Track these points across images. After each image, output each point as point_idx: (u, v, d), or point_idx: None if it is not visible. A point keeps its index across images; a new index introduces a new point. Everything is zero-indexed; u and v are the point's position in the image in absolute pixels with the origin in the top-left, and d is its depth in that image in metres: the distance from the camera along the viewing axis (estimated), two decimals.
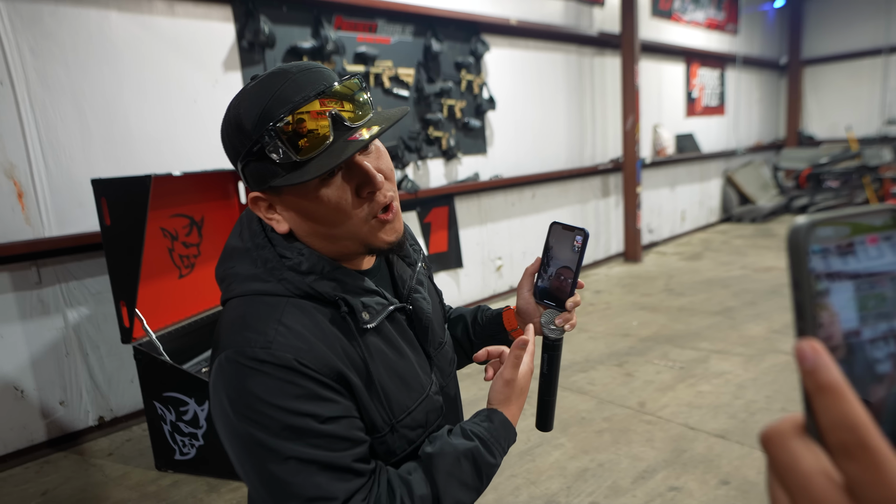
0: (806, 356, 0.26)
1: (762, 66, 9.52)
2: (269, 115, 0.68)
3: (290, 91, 0.68)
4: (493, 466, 0.80)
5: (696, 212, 8.35)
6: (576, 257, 0.87)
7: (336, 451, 0.69)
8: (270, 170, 0.70)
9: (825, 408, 0.26)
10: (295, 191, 0.72)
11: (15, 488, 2.72)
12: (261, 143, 0.69)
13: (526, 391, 0.88)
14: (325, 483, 0.68)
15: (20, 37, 2.83)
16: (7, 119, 2.83)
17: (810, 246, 0.27)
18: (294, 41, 3.79)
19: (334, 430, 0.69)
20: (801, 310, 0.28)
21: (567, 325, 0.91)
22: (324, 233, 0.75)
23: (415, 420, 0.80)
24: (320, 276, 0.75)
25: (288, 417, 0.67)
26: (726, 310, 4.65)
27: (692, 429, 2.85)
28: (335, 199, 0.72)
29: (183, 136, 3.40)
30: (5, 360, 2.92)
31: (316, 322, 0.73)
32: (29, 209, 2.93)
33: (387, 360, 0.78)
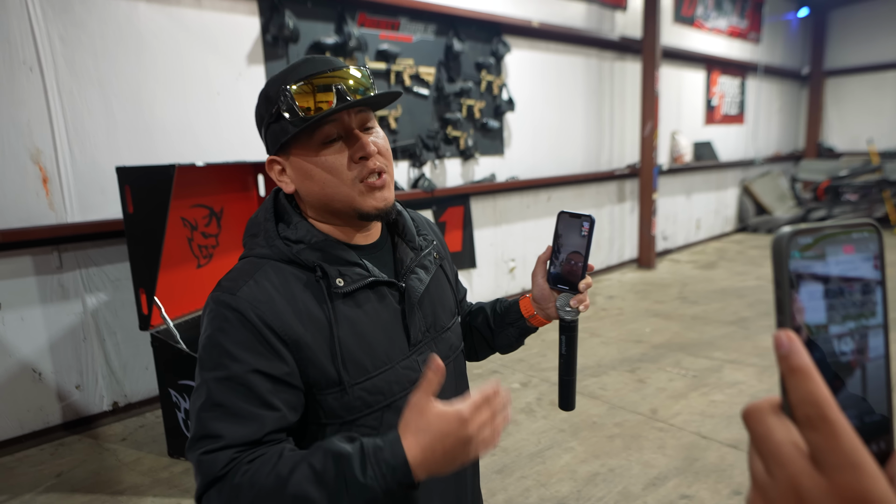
0: (782, 343, 0.31)
1: (783, 76, 9.42)
2: (286, 79, 0.82)
3: (306, 67, 0.83)
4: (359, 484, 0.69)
5: (712, 220, 8.29)
6: (584, 242, 0.93)
7: (237, 398, 0.76)
8: (283, 128, 0.83)
9: (794, 387, 0.30)
10: (301, 151, 0.84)
11: (31, 468, 2.76)
12: (277, 105, 0.82)
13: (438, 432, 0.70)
14: (221, 425, 0.75)
15: (51, 25, 2.87)
16: (35, 105, 2.87)
17: (791, 251, 0.32)
18: (317, 36, 3.82)
19: (255, 382, 0.77)
20: (780, 305, 0.32)
21: (581, 305, 0.95)
22: (320, 192, 0.85)
23: (374, 386, 0.84)
24: (308, 246, 0.85)
25: (221, 357, 0.77)
26: (741, 320, 4.61)
27: (705, 437, 2.83)
28: (332, 160, 0.83)
29: (205, 128, 3.43)
30: (25, 343, 2.96)
31: (286, 282, 0.83)
32: (53, 194, 2.97)
33: (355, 326, 0.84)
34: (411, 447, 0.70)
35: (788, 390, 0.31)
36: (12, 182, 2.85)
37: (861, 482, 0.28)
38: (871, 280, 0.33)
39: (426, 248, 0.99)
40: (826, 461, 0.29)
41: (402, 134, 4.39)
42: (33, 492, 2.56)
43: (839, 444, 0.29)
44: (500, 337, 1.08)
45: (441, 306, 0.97)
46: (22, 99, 2.83)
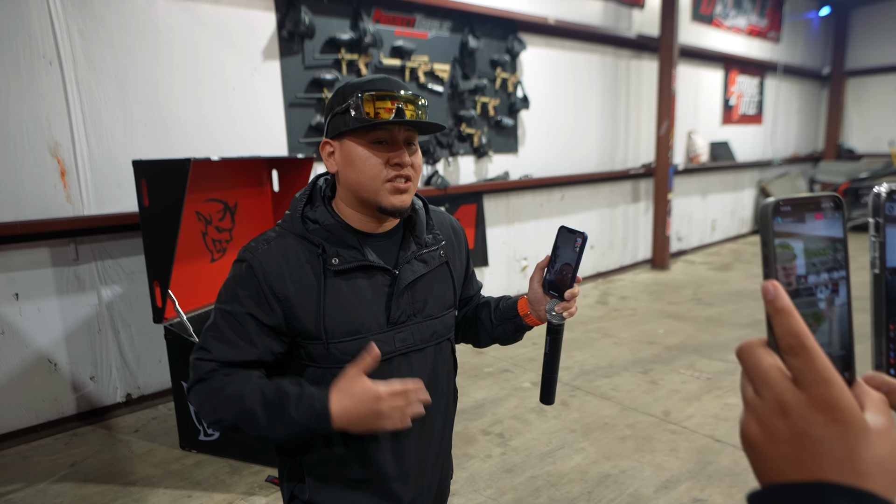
0: (768, 290, 0.38)
1: (803, 76, 9.27)
2: (362, 87, 1.00)
3: (381, 83, 1.01)
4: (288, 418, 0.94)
5: (728, 221, 8.19)
6: (575, 256, 1.03)
7: (232, 330, 1.00)
8: (345, 121, 1.00)
9: (779, 323, 0.37)
10: (354, 139, 1.01)
11: (45, 458, 2.80)
12: (349, 103, 0.99)
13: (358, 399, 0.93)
14: (214, 344, 1.01)
15: (70, 19, 2.90)
16: (54, 99, 2.90)
17: (775, 216, 0.39)
18: (333, 32, 3.82)
19: (247, 323, 1.00)
20: (766, 260, 0.40)
21: (565, 312, 1.08)
22: (356, 179, 1.01)
23: (347, 348, 1.02)
24: (320, 227, 1.03)
25: (231, 297, 1.02)
26: (756, 322, 4.55)
27: (718, 441, 2.79)
28: (373, 156, 1.00)
29: (220, 123, 3.45)
30: (41, 333, 3.00)
31: (294, 253, 1.02)
32: (70, 187, 3.00)
33: (341, 298, 1.02)
34: (334, 403, 0.93)
35: (774, 326, 0.37)
36: (31, 174, 2.88)
37: (832, 393, 0.35)
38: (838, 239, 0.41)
39: (433, 245, 1.12)
40: (804, 379, 0.36)
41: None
42: (47, 481, 2.59)
43: (815, 364, 0.36)
44: (499, 329, 1.21)
45: (434, 298, 1.11)
46: (41, 92, 2.86)
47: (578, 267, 1.03)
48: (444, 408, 1.17)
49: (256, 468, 2.64)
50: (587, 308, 5.12)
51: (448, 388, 1.19)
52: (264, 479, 2.56)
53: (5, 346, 2.90)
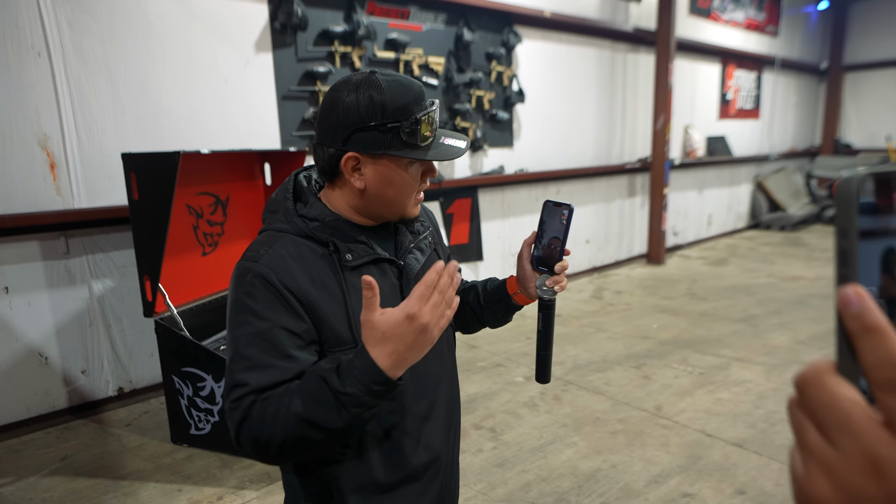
0: (851, 300, 0.28)
1: (801, 70, 9.25)
2: (410, 108, 0.92)
3: (420, 97, 0.95)
4: (343, 394, 0.82)
5: (724, 216, 8.18)
6: (563, 228, 1.01)
7: (262, 351, 0.89)
8: (389, 142, 0.93)
9: (871, 347, 0.27)
10: (393, 162, 0.95)
11: (36, 451, 2.79)
12: (399, 123, 0.92)
13: (393, 335, 0.81)
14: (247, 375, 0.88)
15: (59, 9, 2.87)
16: (43, 91, 2.88)
17: (860, 197, 0.29)
18: (326, 25, 3.79)
19: (277, 337, 0.89)
20: (845, 257, 0.29)
21: (556, 286, 1.06)
22: (392, 197, 0.97)
23: None
24: (322, 224, 0.97)
25: (247, 316, 0.90)
26: (750, 318, 4.55)
27: (709, 436, 2.80)
28: (412, 175, 0.98)
29: (212, 115, 3.43)
30: (31, 327, 2.98)
31: (302, 254, 0.94)
32: (60, 180, 2.98)
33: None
34: (378, 356, 0.82)
35: (863, 352, 0.28)
36: (20, 167, 2.86)
37: None
38: None
39: (423, 232, 1.11)
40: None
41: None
42: (38, 475, 2.59)
43: None
44: (488, 312, 1.19)
45: None
46: (30, 84, 2.84)
47: (567, 239, 1.02)
48: (455, 390, 1.16)
49: (247, 462, 2.64)
50: (581, 303, 5.12)
51: (454, 368, 1.17)
52: (255, 473, 2.55)
53: None
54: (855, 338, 0.28)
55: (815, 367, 0.30)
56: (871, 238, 0.29)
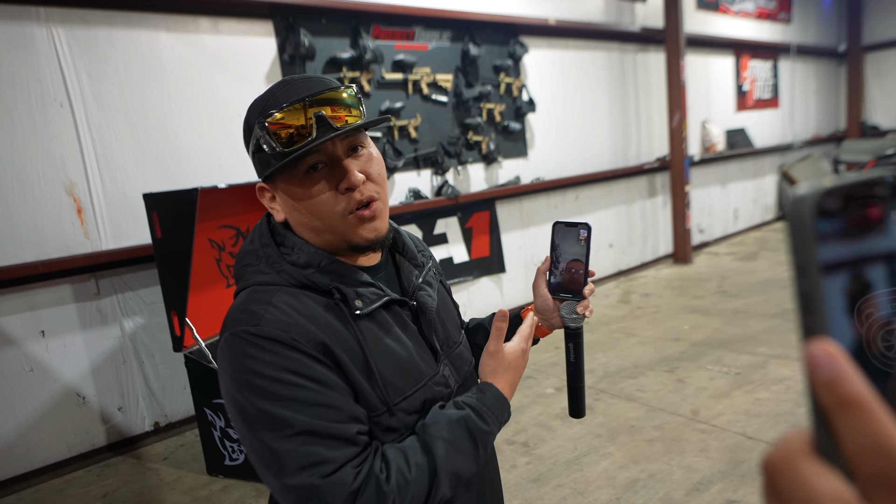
0: (819, 362, 0.22)
1: (819, 55, 9.04)
2: (263, 113, 0.79)
3: (286, 94, 0.79)
4: (486, 434, 0.81)
5: (751, 209, 8.00)
6: (583, 249, 0.96)
7: (324, 420, 0.72)
8: (266, 160, 0.81)
9: (851, 429, 0.21)
10: (285, 180, 0.81)
11: (78, 490, 2.85)
12: (256, 137, 0.79)
13: (515, 367, 0.90)
14: (325, 451, 0.71)
15: (77, 61, 2.98)
16: (67, 139, 2.98)
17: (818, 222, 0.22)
18: (333, 52, 3.85)
19: (321, 398, 0.73)
20: (807, 302, 0.23)
21: (587, 311, 0.97)
22: (308, 223, 0.82)
23: (411, 405, 0.82)
24: (318, 269, 0.82)
25: (277, 386, 0.72)
26: (785, 312, 4.42)
27: (750, 438, 2.70)
28: (316, 191, 0.80)
29: (228, 150, 3.51)
30: (68, 368, 3.07)
31: (306, 306, 0.79)
32: (87, 224, 3.08)
33: (382, 346, 0.82)
34: (504, 387, 0.86)
35: (842, 433, 0.22)
36: (49, 214, 2.96)
37: None
38: None
39: (427, 264, 0.98)
40: None
41: (422, 142, 4.38)
42: None
43: None
44: None
45: (450, 321, 0.98)
46: (54, 134, 2.95)
47: (589, 260, 0.96)
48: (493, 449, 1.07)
49: None
50: (609, 308, 5.04)
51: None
52: None
53: (35, 382, 2.97)
54: (830, 414, 0.22)
55: (785, 449, 0.23)
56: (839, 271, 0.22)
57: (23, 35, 2.83)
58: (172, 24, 3.26)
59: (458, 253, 4.72)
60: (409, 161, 4.31)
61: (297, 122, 0.77)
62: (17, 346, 2.92)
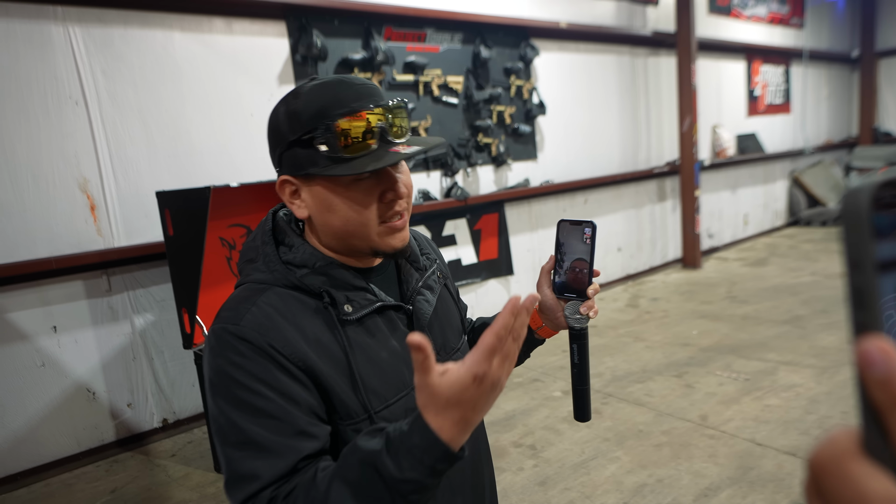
0: (874, 360, 0.21)
1: (831, 61, 8.98)
2: (327, 112, 0.76)
3: (350, 97, 0.77)
4: (399, 481, 0.63)
5: (760, 215, 7.95)
6: (588, 248, 0.93)
7: (278, 436, 0.72)
8: (312, 158, 0.77)
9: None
10: (327, 182, 0.79)
11: (87, 485, 2.87)
12: (312, 134, 0.76)
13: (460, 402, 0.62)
14: (256, 464, 0.71)
15: (93, 59, 3.01)
16: (82, 137, 3.01)
17: (874, 216, 0.22)
18: (345, 53, 3.87)
19: (283, 413, 0.72)
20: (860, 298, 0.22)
21: (591, 312, 0.93)
22: (338, 226, 0.81)
23: (393, 413, 0.81)
24: (311, 271, 0.81)
25: (242, 391, 0.73)
26: (795, 318, 4.39)
27: (759, 445, 2.68)
28: (360, 198, 0.79)
29: (240, 149, 3.53)
30: (79, 364, 3.09)
31: (292, 309, 0.78)
32: (100, 221, 3.10)
33: (368, 353, 0.81)
34: (441, 426, 0.63)
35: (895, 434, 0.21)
36: (63, 211, 2.99)
37: None
38: None
39: (430, 267, 0.96)
40: None
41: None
42: None
43: None
44: None
45: (449, 327, 0.96)
46: (69, 131, 2.98)
47: (594, 259, 0.93)
48: (486, 450, 1.02)
49: None
50: (617, 312, 5.02)
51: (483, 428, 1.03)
52: None
53: (46, 377, 3.00)
54: (884, 413, 0.21)
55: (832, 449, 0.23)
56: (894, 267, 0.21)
57: (40, 33, 2.86)
58: (187, 24, 3.29)
59: (467, 255, 4.72)
60: (418, 162, 4.32)
61: (361, 131, 0.76)
62: (30, 342, 2.94)
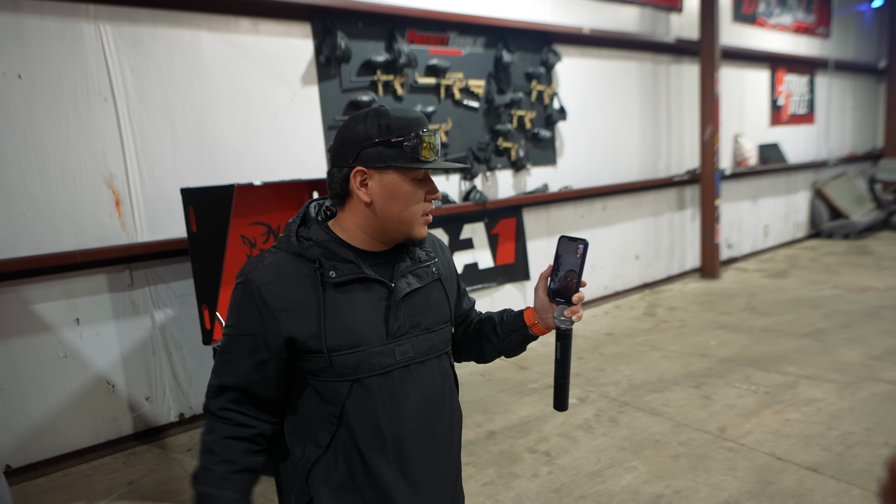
0: None
1: (857, 71, 8.85)
2: (414, 127, 1.03)
3: (422, 121, 1.05)
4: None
5: (781, 226, 7.84)
6: (578, 262, 1.07)
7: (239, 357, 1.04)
8: (394, 155, 1.02)
9: None
10: (400, 175, 1.03)
11: (105, 476, 2.91)
12: (404, 138, 1.01)
13: None
14: (225, 369, 1.06)
15: (123, 57, 3.06)
16: (109, 133, 3.06)
17: None
18: (368, 55, 3.89)
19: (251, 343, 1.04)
20: None
21: (574, 316, 1.10)
22: (398, 211, 1.05)
23: (346, 360, 1.04)
24: (315, 244, 1.06)
25: (234, 319, 1.06)
26: (816, 332, 4.31)
27: (780, 459, 2.64)
28: (417, 193, 1.06)
29: (263, 148, 3.56)
30: (100, 357, 3.14)
31: (291, 269, 1.04)
32: (124, 216, 3.15)
33: (340, 310, 1.04)
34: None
35: None
36: (89, 205, 3.04)
37: None
38: None
39: (425, 261, 1.16)
40: None
41: (452, 147, 4.40)
42: (108, 499, 2.69)
43: None
44: (505, 342, 1.24)
45: (430, 312, 1.13)
46: (97, 127, 3.03)
47: (582, 272, 1.08)
48: (450, 420, 1.17)
49: None
50: (634, 320, 4.98)
51: (452, 403, 1.19)
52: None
53: (68, 369, 3.05)
54: None
55: None
56: None
57: (72, 31, 2.92)
58: (214, 24, 3.33)
59: (484, 259, 4.71)
60: None
61: (430, 144, 1.03)
62: (53, 333, 2.99)
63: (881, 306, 4.82)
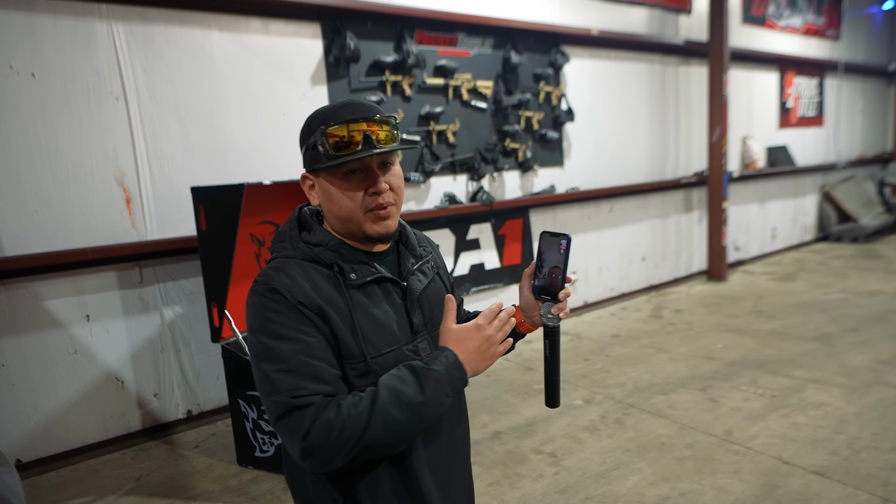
0: None
1: (867, 74, 8.79)
2: (326, 122, 1.00)
3: (344, 112, 1.01)
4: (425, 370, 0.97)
5: (789, 229, 7.80)
6: (562, 257, 1.05)
7: (307, 358, 0.95)
8: (317, 157, 1.02)
9: None
10: (327, 175, 1.03)
11: (114, 472, 2.93)
12: (314, 139, 1.01)
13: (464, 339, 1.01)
14: (296, 382, 0.93)
15: (135, 57, 3.09)
16: (120, 132, 3.09)
17: None
18: (377, 55, 3.91)
19: (307, 346, 0.95)
20: None
21: (561, 313, 1.09)
22: (337, 212, 1.04)
23: (385, 361, 1.02)
24: (326, 248, 1.04)
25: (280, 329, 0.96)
26: (824, 336, 4.29)
27: (786, 463, 2.63)
28: (350, 189, 1.02)
29: (272, 148, 3.58)
30: (109, 353, 3.16)
31: (309, 275, 1.01)
32: (135, 214, 3.18)
33: (368, 311, 1.03)
34: (459, 353, 1.00)
35: None
36: (100, 203, 3.07)
37: None
38: None
39: (425, 256, 1.18)
40: None
41: (460, 147, 4.41)
42: (116, 494, 2.72)
43: None
44: None
45: (438, 307, 1.13)
46: (108, 126, 3.06)
47: (567, 268, 1.06)
48: (458, 418, 1.19)
49: None
50: (640, 322, 4.97)
51: (461, 402, 1.21)
52: None
53: (78, 365, 3.08)
54: None
55: None
56: None
57: (85, 30, 2.95)
58: (225, 24, 3.35)
59: (490, 259, 4.72)
60: (445, 165, 4.34)
61: (348, 136, 0.99)
62: (64, 329, 3.02)
63: (889, 310, 4.80)
